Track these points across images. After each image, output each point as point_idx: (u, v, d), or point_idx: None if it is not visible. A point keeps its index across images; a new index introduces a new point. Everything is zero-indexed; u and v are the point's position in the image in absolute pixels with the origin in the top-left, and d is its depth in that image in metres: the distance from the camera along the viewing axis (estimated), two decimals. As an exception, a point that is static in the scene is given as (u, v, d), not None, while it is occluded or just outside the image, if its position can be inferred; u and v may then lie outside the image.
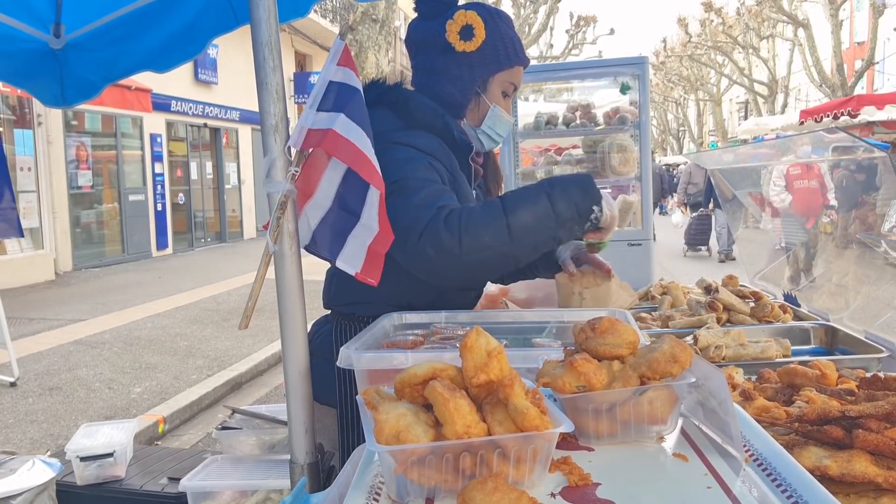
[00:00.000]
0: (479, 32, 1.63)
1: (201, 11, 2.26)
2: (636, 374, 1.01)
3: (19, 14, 2.21)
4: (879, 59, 23.61)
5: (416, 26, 1.73)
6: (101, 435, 2.20)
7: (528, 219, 1.38)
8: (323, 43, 20.26)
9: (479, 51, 1.64)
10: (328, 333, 1.71)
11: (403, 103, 1.62)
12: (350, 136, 1.31)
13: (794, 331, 2.07)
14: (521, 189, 1.46)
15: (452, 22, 1.63)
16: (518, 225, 1.37)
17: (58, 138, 11.74)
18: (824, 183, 3.46)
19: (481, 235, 1.35)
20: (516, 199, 1.41)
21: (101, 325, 7.80)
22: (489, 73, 1.68)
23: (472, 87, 1.68)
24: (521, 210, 1.38)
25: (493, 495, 0.82)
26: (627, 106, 4.72)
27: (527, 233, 1.38)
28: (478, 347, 0.97)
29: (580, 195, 1.42)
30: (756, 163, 2.70)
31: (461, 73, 1.66)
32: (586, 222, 1.44)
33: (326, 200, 1.38)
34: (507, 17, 1.72)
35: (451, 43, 1.64)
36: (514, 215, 1.38)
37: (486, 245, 1.36)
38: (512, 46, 1.68)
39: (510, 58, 1.68)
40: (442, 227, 1.35)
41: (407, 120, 1.61)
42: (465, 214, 1.37)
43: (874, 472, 0.94)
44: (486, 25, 1.64)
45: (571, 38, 27.16)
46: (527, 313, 1.67)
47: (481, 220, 1.36)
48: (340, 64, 1.37)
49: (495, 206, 1.39)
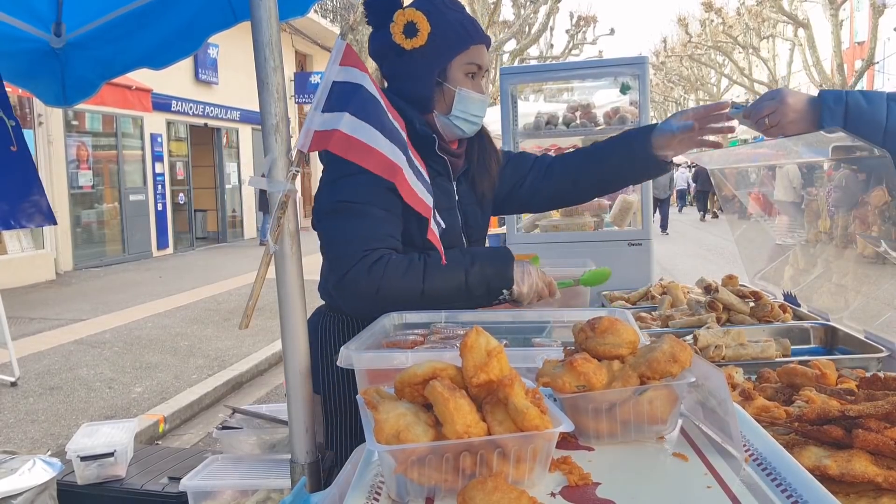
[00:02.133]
0: (422, 26, 1.64)
1: (200, 9, 2.26)
2: (636, 373, 1.01)
3: (20, 14, 2.21)
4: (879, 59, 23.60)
5: (372, 37, 1.76)
6: (102, 434, 2.20)
7: (442, 288, 1.54)
8: (323, 43, 20.26)
9: (429, 43, 1.65)
10: (315, 324, 1.74)
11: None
12: (356, 133, 1.33)
13: (794, 330, 2.07)
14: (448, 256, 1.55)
15: (394, 24, 1.65)
16: (431, 292, 1.53)
17: (58, 138, 11.74)
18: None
19: (396, 294, 1.51)
20: (437, 269, 1.54)
21: (102, 325, 7.80)
22: (445, 61, 1.68)
23: (432, 79, 1.69)
24: (438, 281, 1.54)
25: (493, 495, 0.82)
26: (627, 106, 4.72)
27: (438, 300, 1.54)
28: (478, 347, 0.97)
29: (494, 277, 1.57)
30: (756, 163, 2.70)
31: (417, 69, 1.68)
32: (495, 301, 1.59)
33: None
34: (452, 2, 1.72)
35: (399, 44, 1.66)
36: (431, 283, 1.53)
37: (399, 301, 1.51)
38: (462, 29, 1.69)
39: (463, 40, 1.69)
40: (364, 275, 1.50)
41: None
42: (388, 270, 1.51)
43: (874, 472, 0.94)
44: (429, 17, 1.65)
45: (571, 38, 27.16)
46: (527, 313, 1.67)
47: (400, 281, 1.51)
48: (343, 63, 1.37)
49: (417, 271, 1.53)
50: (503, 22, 23.16)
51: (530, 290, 1.61)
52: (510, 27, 21.97)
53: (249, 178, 1.41)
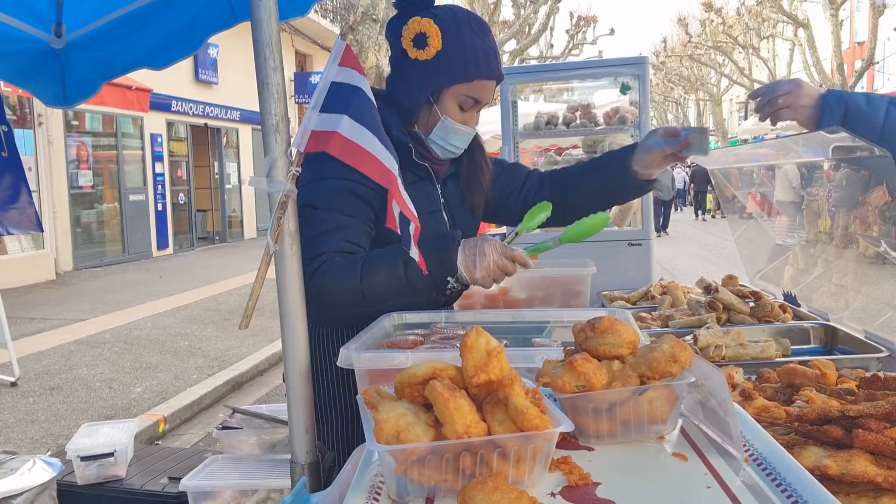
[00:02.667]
0: (433, 42, 1.54)
1: (201, 9, 2.26)
2: (636, 373, 1.01)
3: (20, 14, 2.21)
4: (879, 59, 23.59)
5: (391, 22, 1.67)
6: (102, 434, 2.20)
7: (382, 285, 1.44)
8: (323, 43, 20.26)
9: (433, 61, 1.56)
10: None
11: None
12: (354, 137, 1.32)
13: (794, 330, 2.07)
14: (383, 251, 1.50)
15: (407, 28, 1.57)
16: (371, 290, 1.44)
17: (58, 138, 11.74)
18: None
19: (337, 296, 1.44)
20: (374, 264, 1.45)
21: (102, 325, 7.81)
22: (442, 85, 1.59)
23: (423, 96, 1.60)
24: (376, 276, 1.44)
25: (493, 495, 0.82)
26: (627, 106, 4.72)
27: (380, 299, 1.46)
28: (478, 347, 0.97)
29: (436, 266, 1.42)
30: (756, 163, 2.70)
31: (412, 79, 1.61)
32: (444, 291, 1.47)
33: None
34: (479, 25, 1.61)
35: (405, 49, 1.58)
36: (369, 281, 1.44)
37: (340, 303, 1.46)
38: (473, 59, 1.56)
39: (468, 72, 1.57)
40: (308, 280, 1.41)
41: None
42: (329, 271, 1.44)
43: (874, 472, 0.94)
44: (445, 35, 1.55)
45: (571, 38, 27.16)
46: (527, 313, 1.67)
47: (339, 282, 1.44)
48: (342, 64, 1.37)
49: (354, 270, 1.45)
50: (503, 22, 23.16)
51: (486, 271, 1.45)
52: (510, 27, 21.97)
53: (249, 178, 1.41)
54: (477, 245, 1.46)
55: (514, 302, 2.18)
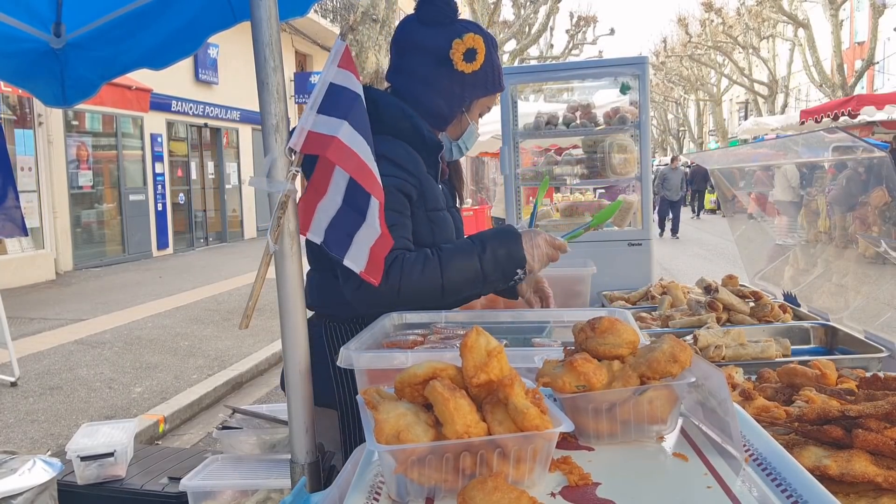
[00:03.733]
0: (479, 58, 1.69)
1: (201, 9, 2.26)
2: (636, 373, 1.01)
3: (20, 14, 2.21)
4: (879, 59, 23.60)
5: (414, 29, 1.74)
6: (102, 434, 2.20)
7: (460, 279, 1.54)
8: (323, 43, 20.25)
9: (474, 74, 1.71)
10: (319, 336, 1.70)
11: (371, 106, 1.59)
12: (353, 145, 1.33)
13: (794, 331, 2.07)
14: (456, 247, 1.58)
15: (461, 42, 1.68)
16: (450, 285, 1.53)
17: (58, 138, 11.74)
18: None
19: (418, 291, 1.51)
20: (452, 260, 1.54)
21: (102, 325, 7.80)
22: (477, 96, 1.77)
23: (461, 106, 1.76)
24: (455, 272, 1.53)
25: (493, 495, 0.82)
26: (627, 106, 4.71)
27: (457, 291, 1.55)
28: (478, 347, 0.97)
29: (507, 259, 1.55)
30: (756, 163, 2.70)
31: (453, 89, 1.73)
32: (510, 282, 1.58)
33: (338, 197, 1.40)
34: (496, 44, 1.81)
35: (453, 60, 1.69)
36: (449, 276, 1.53)
37: (420, 298, 1.53)
38: (500, 75, 1.79)
39: (496, 85, 1.78)
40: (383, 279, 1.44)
41: (374, 123, 1.55)
42: (405, 269, 1.50)
43: (874, 472, 0.94)
44: (486, 53, 1.71)
45: (571, 38, 27.16)
46: (527, 313, 1.67)
47: (419, 279, 1.51)
48: (341, 66, 1.37)
49: (433, 266, 1.52)
50: (503, 22, 23.16)
51: (541, 261, 1.60)
52: (510, 27, 21.97)
53: (249, 178, 1.41)
54: (532, 238, 1.60)
55: (514, 302, 2.17)
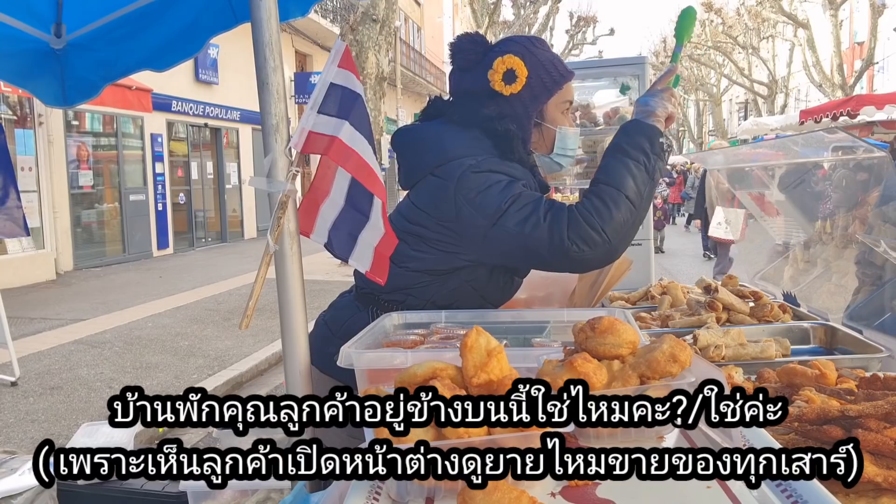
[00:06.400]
0: (520, 72, 1.66)
1: (201, 11, 2.26)
2: (636, 373, 1.02)
3: (20, 14, 2.21)
4: (879, 59, 23.59)
5: (460, 78, 1.76)
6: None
7: (636, 185, 1.52)
8: (323, 43, 20.25)
9: (527, 87, 1.68)
10: (365, 323, 1.68)
11: (506, 138, 1.65)
12: (354, 145, 1.33)
13: (794, 331, 2.07)
14: (603, 168, 1.57)
15: (493, 72, 1.67)
16: (635, 194, 1.52)
17: (59, 138, 11.73)
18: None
19: (617, 219, 1.50)
20: (616, 178, 1.53)
21: (102, 325, 7.80)
22: (542, 102, 1.72)
23: (530, 121, 1.72)
24: (628, 183, 1.52)
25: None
26: (627, 106, 4.71)
27: (642, 195, 1.53)
28: (478, 347, 0.97)
29: (647, 141, 1.55)
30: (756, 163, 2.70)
31: (515, 112, 1.70)
32: (664, 153, 1.58)
33: (340, 199, 1.40)
34: (540, 41, 1.75)
35: (498, 91, 1.67)
36: (628, 189, 1.52)
37: (626, 223, 1.51)
38: (554, 69, 1.71)
39: (556, 81, 1.72)
40: (584, 225, 1.48)
41: (505, 152, 1.65)
42: (593, 207, 1.50)
43: (874, 472, 0.94)
44: (526, 61, 1.67)
45: (571, 38, 27.19)
46: (527, 313, 1.67)
47: (608, 208, 1.50)
48: (341, 66, 1.37)
49: (607, 192, 1.52)
50: (503, 22, 23.16)
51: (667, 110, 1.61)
52: (510, 27, 21.99)
53: (249, 178, 1.41)
54: (655, 97, 1.62)
55: (514, 302, 2.17)
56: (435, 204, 1.60)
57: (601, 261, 1.55)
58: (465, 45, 1.72)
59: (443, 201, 1.59)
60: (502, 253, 1.59)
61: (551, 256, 1.52)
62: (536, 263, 1.61)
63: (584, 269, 1.62)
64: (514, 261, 1.64)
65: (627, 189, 1.52)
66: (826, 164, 2.26)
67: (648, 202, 1.57)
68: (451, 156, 1.62)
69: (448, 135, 1.68)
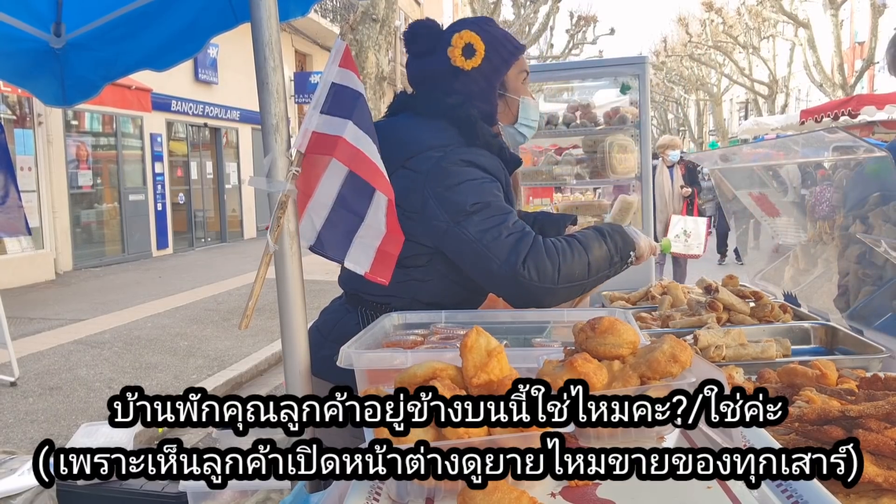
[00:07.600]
0: (478, 46, 1.72)
1: (201, 10, 2.26)
2: (636, 373, 1.01)
3: (20, 13, 2.21)
4: (880, 59, 23.57)
5: (420, 65, 1.79)
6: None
7: (599, 259, 1.61)
8: (323, 43, 20.25)
9: (486, 60, 1.74)
10: (355, 324, 1.70)
11: (469, 124, 1.68)
12: (359, 144, 1.34)
13: (794, 331, 2.07)
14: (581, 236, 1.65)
15: (453, 48, 1.72)
16: (595, 263, 1.60)
17: (58, 138, 11.73)
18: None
19: (573, 269, 1.56)
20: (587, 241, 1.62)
21: (102, 325, 7.80)
22: (502, 75, 1.78)
23: (495, 92, 1.78)
24: (595, 251, 1.61)
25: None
26: (628, 106, 4.72)
27: (598, 271, 1.62)
28: (478, 347, 0.97)
29: (622, 242, 1.67)
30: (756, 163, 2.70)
31: (479, 86, 1.76)
32: (625, 265, 1.69)
33: (328, 199, 1.39)
34: (490, 20, 1.85)
35: (460, 66, 1.72)
36: (592, 254, 1.60)
37: (575, 277, 1.57)
38: (509, 43, 1.79)
39: (512, 53, 1.79)
40: (544, 256, 1.53)
41: (469, 138, 1.68)
42: (559, 248, 1.56)
43: (874, 472, 0.94)
44: (481, 36, 1.73)
45: (571, 38, 27.16)
46: (527, 313, 1.67)
47: (572, 255, 1.57)
48: (342, 66, 1.37)
49: (576, 245, 1.59)
50: (503, 22, 23.15)
51: (647, 248, 1.73)
52: (510, 27, 21.96)
53: (249, 178, 1.41)
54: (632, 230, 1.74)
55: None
56: (405, 195, 1.61)
57: (540, 297, 1.57)
58: (420, 30, 1.77)
59: (412, 192, 1.61)
60: (454, 252, 1.62)
61: (499, 273, 1.54)
62: (480, 274, 1.60)
63: (517, 299, 1.61)
64: (463, 263, 1.63)
65: (593, 256, 1.60)
66: (826, 164, 2.25)
67: (597, 282, 1.65)
68: (419, 148, 1.65)
69: (416, 128, 1.71)
